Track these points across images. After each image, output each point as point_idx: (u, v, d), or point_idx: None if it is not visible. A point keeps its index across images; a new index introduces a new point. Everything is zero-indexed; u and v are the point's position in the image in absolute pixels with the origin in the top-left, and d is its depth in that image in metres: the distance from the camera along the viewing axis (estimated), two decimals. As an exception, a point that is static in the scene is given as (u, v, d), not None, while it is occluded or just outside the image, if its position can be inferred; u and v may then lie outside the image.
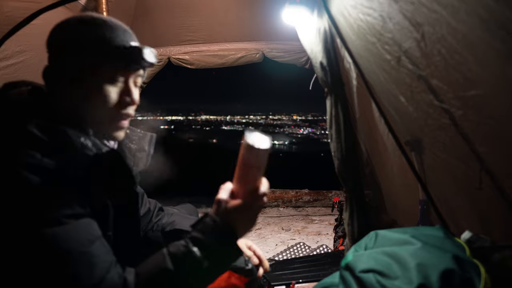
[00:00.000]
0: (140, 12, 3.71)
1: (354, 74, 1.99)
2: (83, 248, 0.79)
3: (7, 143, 0.81)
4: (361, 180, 2.20)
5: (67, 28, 0.97)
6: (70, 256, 0.77)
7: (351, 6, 1.60)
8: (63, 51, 0.95)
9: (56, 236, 0.76)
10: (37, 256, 0.75)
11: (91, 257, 0.79)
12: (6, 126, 0.84)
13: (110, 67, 0.96)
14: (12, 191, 0.76)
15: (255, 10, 3.73)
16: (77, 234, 0.79)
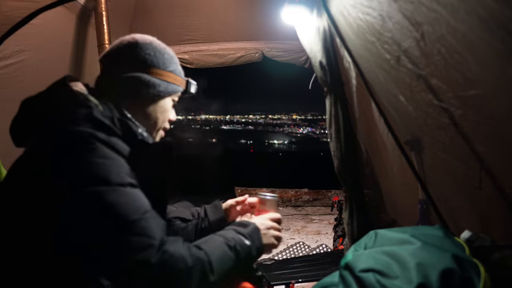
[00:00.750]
0: (140, 12, 3.71)
1: (353, 74, 1.99)
2: (145, 207, 0.91)
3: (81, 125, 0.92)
4: (360, 179, 2.20)
5: (140, 51, 1.15)
6: (138, 212, 0.88)
7: (350, 5, 1.60)
8: (138, 71, 1.13)
9: (122, 195, 0.87)
10: (107, 210, 0.85)
11: (155, 217, 0.92)
12: (83, 114, 0.95)
13: (168, 95, 1.20)
14: (84, 158, 0.87)
15: (255, 10, 3.73)
16: (138, 197, 0.91)
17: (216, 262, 0.96)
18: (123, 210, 0.86)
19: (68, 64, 3.18)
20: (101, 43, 3.10)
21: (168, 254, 0.88)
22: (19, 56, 2.54)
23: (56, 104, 0.99)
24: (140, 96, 1.13)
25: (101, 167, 0.87)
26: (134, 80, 1.12)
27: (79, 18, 3.13)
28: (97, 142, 0.90)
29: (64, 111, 0.95)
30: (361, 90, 2.02)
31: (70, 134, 0.89)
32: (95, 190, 0.84)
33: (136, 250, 0.85)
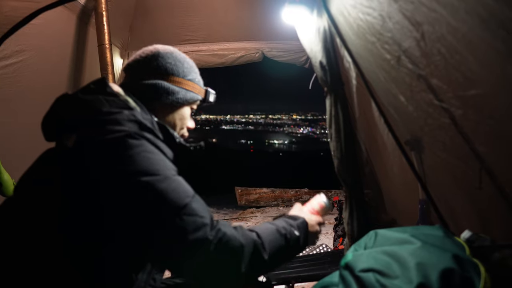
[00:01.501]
0: (140, 12, 3.71)
1: (353, 74, 1.99)
2: (192, 191, 0.97)
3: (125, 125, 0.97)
4: (360, 179, 2.21)
5: (161, 60, 1.23)
6: (188, 195, 0.94)
7: (350, 5, 1.60)
8: (158, 78, 1.21)
9: (172, 182, 0.94)
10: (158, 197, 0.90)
11: (202, 201, 0.98)
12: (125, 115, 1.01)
13: (187, 103, 1.27)
14: (133, 152, 0.92)
15: (255, 10, 3.73)
16: (184, 183, 0.98)
17: (268, 244, 1.02)
18: (176, 195, 0.92)
19: (69, 64, 3.19)
20: (101, 43, 3.10)
21: (222, 232, 0.94)
22: (19, 56, 2.55)
23: (99, 103, 1.02)
24: (160, 103, 1.19)
25: (149, 161, 0.93)
26: (155, 86, 1.19)
27: (79, 18, 3.14)
28: (142, 139, 0.96)
29: (108, 111, 0.99)
30: (361, 90, 2.02)
31: (118, 133, 0.94)
32: (147, 180, 0.90)
33: (193, 229, 0.90)
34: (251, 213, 5.39)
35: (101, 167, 0.91)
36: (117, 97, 1.07)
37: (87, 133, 0.96)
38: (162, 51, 1.25)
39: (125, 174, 0.90)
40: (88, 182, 0.91)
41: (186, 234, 0.89)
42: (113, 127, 0.95)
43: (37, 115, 3.10)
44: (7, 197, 2.14)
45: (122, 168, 0.90)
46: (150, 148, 0.97)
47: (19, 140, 2.70)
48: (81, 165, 0.93)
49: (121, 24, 3.65)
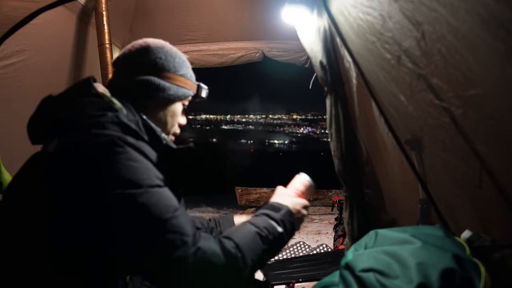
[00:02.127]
0: (140, 12, 3.71)
1: (354, 73, 1.99)
2: (175, 205, 0.92)
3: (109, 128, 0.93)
4: (361, 179, 2.21)
5: (151, 55, 1.17)
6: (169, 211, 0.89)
7: (350, 5, 1.60)
8: (148, 74, 1.14)
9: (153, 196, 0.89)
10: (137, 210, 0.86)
11: (185, 214, 0.94)
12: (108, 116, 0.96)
13: (178, 99, 1.21)
14: (114, 160, 0.88)
15: (255, 10, 3.73)
16: (167, 196, 0.93)
17: (249, 255, 0.97)
18: (156, 210, 0.87)
19: (69, 64, 3.18)
20: (101, 43, 3.10)
21: (202, 250, 0.90)
22: (20, 56, 2.55)
23: (82, 105, 0.98)
24: (151, 99, 1.14)
25: (131, 170, 0.89)
26: (145, 83, 1.13)
27: (80, 18, 3.13)
28: (126, 146, 0.91)
29: (91, 114, 0.95)
30: (361, 89, 2.02)
31: (100, 138, 0.90)
32: (127, 193, 0.86)
33: (172, 247, 0.87)
34: (251, 213, 5.39)
35: (81, 174, 0.87)
36: (101, 98, 1.02)
37: (68, 137, 0.92)
38: (152, 45, 1.20)
39: (106, 184, 0.86)
40: (68, 189, 0.87)
41: (165, 252, 0.87)
42: (96, 130, 0.91)
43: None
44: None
45: (103, 177, 0.87)
46: (134, 155, 0.92)
47: (19, 140, 2.69)
48: (61, 171, 0.89)
49: (121, 24, 3.65)
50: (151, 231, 0.86)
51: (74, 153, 0.89)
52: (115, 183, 0.86)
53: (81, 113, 0.96)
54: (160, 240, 0.86)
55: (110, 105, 1.01)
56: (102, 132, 0.91)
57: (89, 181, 0.86)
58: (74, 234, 0.87)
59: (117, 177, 0.87)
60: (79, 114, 0.96)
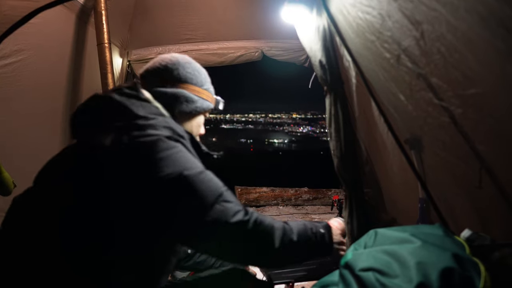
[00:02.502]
0: (139, 11, 3.71)
1: (353, 73, 1.99)
2: (223, 184, 1.08)
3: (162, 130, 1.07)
4: (360, 178, 2.20)
5: (181, 70, 1.30)
6: (222, 186, 1.06)
7: (350, 4, 1.60)
8: (179, 88, 1.28)
9: (207, 176, 1.05)
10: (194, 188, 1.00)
11: (230, 191, 1.08)
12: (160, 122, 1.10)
13: (203, 111, 1.36)
14: (171, 152, 1.02)
15: (254, 9, 3.73)
16: (216, 177, 1.08)
17: (296, 230, 1.14)
18: (213, 185, 1.04)
19: (68, 63, 3.18)
20: (100, 42, 3.10)
21: (255, 215, 1.06)
22: (18, 56, 2.55)
23: (135, 108, 1.09)
24: (179, 110, 1.26)
25: (186, 158, 1.04)
26: (176, 95, 1.25)
27: (79, 17, 3.13)
28: (178, 142, 1.06)
29: (145, 116, 1.08)
30: (361, 89, 2.02)
31: (157, 136, 1.02)
32: (187, 174, 0.99)
33: (232, 214, 1.01)
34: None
35: (143, 164, 0.98)
36: (149, 103, 1.15)
37: (126, 134, 1.02)
38: (181, 60, 1.32)
39: (167, 170, 0.97)
40: (129, 178, 0.97)
41: (227, 218, 1.00)
42: (151, 131, 1.03)
43: (37, 114, 3.12)
44: (6, 196, 2.15)
45: (163, 164, 0.98)
46: (184, 149, 1.06)
47: (19, 139, 2.69)
48: (121, 163, 0.99)
49: (120, 23, 3.65)
50: (213, 201, 1.00)
51: (135, 147, 1.00)
52: (176, 168, 0.99)
53: (136, 114, 1.07)
54: (222, 208, 1.00)
55: (159, 111, 1.16)
56: (158, 132, 1.04)
57: (152, 169, 0.97)
58: (134, 217, 0.98)
59: (176, 162, 1.00)
60: (134, 115, 1.07)
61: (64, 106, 3.24)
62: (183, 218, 0.99)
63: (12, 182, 2.16)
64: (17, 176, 2.20)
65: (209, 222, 0.98)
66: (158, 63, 1.31)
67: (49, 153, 1.22)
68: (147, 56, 3.98)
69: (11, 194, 2.16)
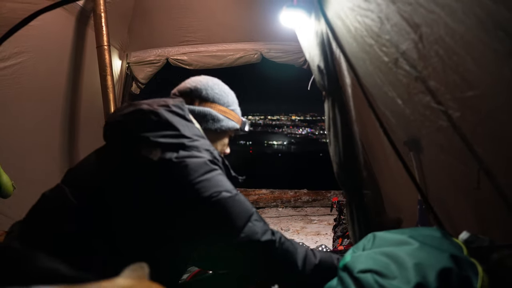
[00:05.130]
0: (138, 13, 3.72)
1: (350, 77, 1.99)
2: (253, 208, 1.15)
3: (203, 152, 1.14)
4: (360, 182, 2.21)
5: (210, 90, 1.38)
6: (251, 207, 1.14)
7: (348, 8, 1.60)
8: (207, 107, 1.35)
9: (240, 197, 1.12)
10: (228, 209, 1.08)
11: (259, 216, 1.14)
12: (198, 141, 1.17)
13: (228, 131, 1.42)
14: (212, 174, 1.10)
15: (253, 11, 3.74)
16: (245, 201, 1.14)
17: (318, 254, 1.21)
18: (246, 205, 1.12)
19: (67, 66, 3.19)
20: (99, 45, 3.11)
21: (279, 235, 1.14)
22: (18, 58, 2.55)
23: (181, 127, 1.14)
24: (205, 128, 1.32)
25: (224, 180, 1.12)
26: (203, 113, 1.33)
27: (78, 20, 3.14)
28: (216, 165, 1.13)
29: (191, 137, 1.14)
30: (358, 93, 2.02)
31: (201, 158, 1.10)
32: (226, 196, 1.08)
33: (262, 232, 1.10)
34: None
35: (190, 182, 1.04)
36: (192, 123, 1.21)
37: (175, 152, 1.08)
38: (210, 81, 1.39)
39: (210, 190, 1.05)
40: (174, 194, 1.04)
41: (258, 236, 1.08)
42: (196, 153, 1.10)
43: (36, 117, 3.12)
44: (6, 198, 2.15)
45: (207, 184, 1.06)
46: (222, 172, 1.14)
47: (18, 141, 2.70)
48: (168, 178, 1.05)
49: (119, 25, 3.66)
50: (247, 220, 1.08)
51: (182, 164, 1.06)
52: (217, 188, 1.07)
53: (182, 134, 1.13)
54: (254, 227, 1.09)
55: (201, 133, 1.22)
56: (202, 154, 1.11)
57: (195, 186, 1.05)
58: (174, 230, 1.07)
59: (218, 183, 1.08)
60: (181, 135, 1.12)
61: (63, 108, 3.25)
62: (220, 235, 1.08)
63: (12, 185, 2.15)
64: (17, 178, 2.20)
65: (243, 239, 1.06)
66: (189, 83, 1.39)
67: (48, 155, 1.23)
68: (146, 58, 3.99)
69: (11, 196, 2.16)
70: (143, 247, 1.04)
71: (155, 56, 3.96)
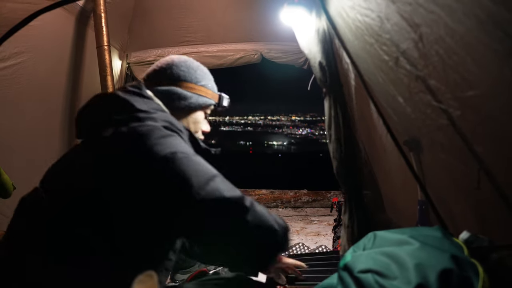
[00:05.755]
0: (138, 13, 3.72)
1: (352, 75, 1.99)
2: (216, 172, 1.06)
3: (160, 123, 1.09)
4: (360, 180, 2.20)
5: (175, 68, 1.34)
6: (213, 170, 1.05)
7: (349, 6, 1.60)
8: (175, 84, 1.32)
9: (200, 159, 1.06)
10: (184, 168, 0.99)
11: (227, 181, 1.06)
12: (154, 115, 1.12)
13: (200, 107, 1.37)
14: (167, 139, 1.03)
15: (253, 11, 3.75)
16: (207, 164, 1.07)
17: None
18: (207, 168, 1.04)
19: (67, 66, 3.19)
20: (100, 45, 3.11)
21: (255, 208, 1.05)
22: (18, 58, 2.55)
23: (137, 103, 1.12)
24: (174, 107, 1.28)
25: (181, 144, 1.05)
26: (168, 92, 1.29)
27: (78, 20, 3.14)
28: (175, 133, 1.09)
29: (147, 110, 1.11)
30: (360, 91, 2.02)
31: (154, 126, 1.05)
32: (182, 156, 1.00)
33: (228, 190, 1.01)
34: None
35: (139, 149, 0.99)
36: (152, 100, 1.19)
37: (126, 125, 1.04)
38: (176, 60, 1.36)
39: (162, 151, 0.99)
40: (126, 166, 0.98)
41: (223, 193, 0.99)
42: (150, 122, 1.06)
43: (36, 117, 3.12)
44: (6, 198, 2.15)
45: (159, 147, 0.99)
46: (181, 139, 1.09)
47: (18, 141, 2.70)
48: (118, 151, 1.01)
49: (119, 25, 3.66)
50: (206, 178, 0.99)
51: (131, 134, 1.02)
52: (171, 149, 1.00)
53: (138, 108, 1.10)
54: (212, 184, 0.98)
55: (161, 107, 1.19)
56: (156, 124, 1.07)
57: (148, 154, 0.98)
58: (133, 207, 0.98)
59: (172, 145, 1.01)
60: (136, 109, 1.10)
61: (63, 108, 3.25)
62: (180, 198, 0.97)
63: (12, 185, 2.16)
64: (17, 178, 2.20)
65: (204, 197, 0.95)
66: (156, 65, 1.37)
67: (48, 155, 1.23)
68: (146, 59, 3.99)
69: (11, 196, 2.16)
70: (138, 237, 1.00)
71: (155, 57, 3.96)
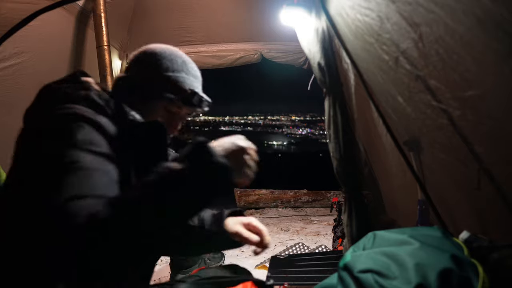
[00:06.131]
0: (138, 13, 3.71)
1: (352, 75, 1.99)
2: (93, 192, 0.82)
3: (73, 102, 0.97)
4: (359, 180, 2.21)
5: (146, 58, 1.22)
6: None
7: (349, 6, 1.60)
8: (147, 73, 1.20)
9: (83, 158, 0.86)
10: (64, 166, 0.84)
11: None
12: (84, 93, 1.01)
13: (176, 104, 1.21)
14: (65, 125, 0.92)
15: (253, 11, 3.74)
16: (96, 161, 0.88)
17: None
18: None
19: (67, 66, 3.18)
20: (99, 45, 3.10)
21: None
22: (18, 58, 2.55)
23: (63, 89, 1.05)
24: (134, 97, 1.17)
25: (76, 133, 0.89)
26: (132, 79, 1.20)
27: (78, 20, 3.13)
28: (83, 122, 0.93)
29: (67, 93, 1.01)
30: (359, 90, 2.02)
31: (58, 112, 0.95)
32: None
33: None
34: (250, 214, 5.38)
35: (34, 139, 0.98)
36: (82, 83, 1.07)
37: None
38: (151, 48, 1.25)
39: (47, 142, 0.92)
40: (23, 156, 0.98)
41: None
42: (58, 106, 0.96)
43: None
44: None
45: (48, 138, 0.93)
46: (87, 129, 0.92)
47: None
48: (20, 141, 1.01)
49: (119, 25, 3.65)
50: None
51: (33, 121, 1.01)
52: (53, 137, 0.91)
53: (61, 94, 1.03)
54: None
55: (86, 86, 1.04)
56: (65, 106, 0.96)
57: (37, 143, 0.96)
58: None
59: (61, 135, 0.90)
60: (60, 95, 1.03)
61: (63, 108, 3.24)
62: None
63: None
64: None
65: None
66: (132, 55, 1.28)
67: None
68: (146, 59, 3.98)
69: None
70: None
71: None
